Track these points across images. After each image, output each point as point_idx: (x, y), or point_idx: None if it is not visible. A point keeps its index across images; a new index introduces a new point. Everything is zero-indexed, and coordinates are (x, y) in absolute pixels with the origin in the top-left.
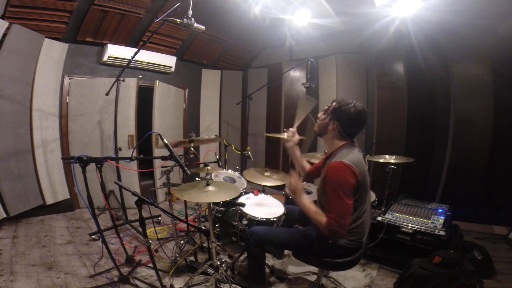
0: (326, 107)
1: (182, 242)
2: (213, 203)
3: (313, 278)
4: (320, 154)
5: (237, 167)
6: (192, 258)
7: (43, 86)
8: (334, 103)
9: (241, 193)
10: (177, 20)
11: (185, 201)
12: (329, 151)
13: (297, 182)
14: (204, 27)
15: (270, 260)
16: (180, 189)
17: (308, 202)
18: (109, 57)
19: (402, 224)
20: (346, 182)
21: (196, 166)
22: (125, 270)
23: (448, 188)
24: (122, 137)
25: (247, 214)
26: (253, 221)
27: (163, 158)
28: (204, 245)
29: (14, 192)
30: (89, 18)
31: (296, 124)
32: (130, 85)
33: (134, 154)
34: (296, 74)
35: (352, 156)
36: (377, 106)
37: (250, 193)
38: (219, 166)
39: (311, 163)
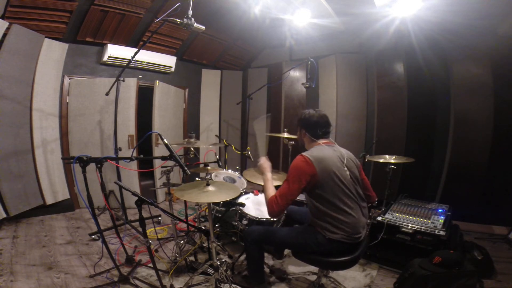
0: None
1: (182, 242)
2: (213, 203)
3: (313, 278)
4: None
5: (237, 167)
6: (192, 258)
7: (43, 86)
8: (297, 117)
9: (241, 193)
10: (177, 20)
11: (185, 201)
12: None
13: (265, 161)
14: (204, 27)
15: (270, 260)
16: (180, 189)
17: (269, 179)
18: (109, 57)
19: (402, 224)
20: (299, 169)
21: (196, 166)
22: (125, 270)
23: (448, 188)
24: (122, 137)
25: (247, 214)
26: (253, 221)
27: (163, 158)
28: (204, 245)
29: (14, 192)
30: (89, 18)
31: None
32: (130, 85)
33: (134, 154)
34: (296, 74)
35: (317, 153)
36: (377, 106)
37: (250, 193)
38: (219, 166)
39: None
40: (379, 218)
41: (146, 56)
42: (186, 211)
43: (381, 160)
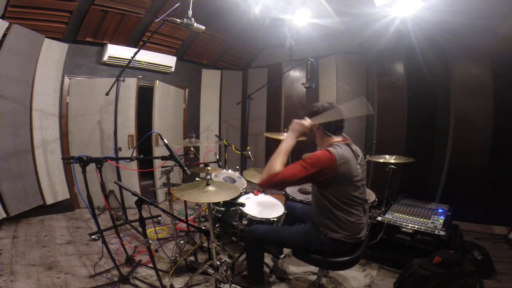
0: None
1: (182, 242)
2: (213, 203)
3: (313, 278)
4: None
5: (237, 167)
6: (192, 258)
7: (43, 86)
8: (308, 111)
9: (241, 193)
10: (177, 20)
11: (185, 201)
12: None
13: (302, 124)
14: (204, 27)
15: (270, 260)
16: (180, 189)
17: (287, 143)
18: (109, 57)
19: (402, 224)
20: (322, 161)
21: (196, 166)
22: (125, 270)
23: (448, 188)
24: (122, 137)
25: (247, 214)
26: (253, 221)
27: (163, 158)
28: (204, 245)
29: (14, 192)
30: (89, 18)
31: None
32: (130, 85)
33: (134, 154)
34: (296, 74)
35: (341, 151)
36: (377, 106)
37: (250, 193)
38: (219, 166)
39: None
40: (379, 218)
41: (146, 56)
42: (186, 211)
43: (381, 160)
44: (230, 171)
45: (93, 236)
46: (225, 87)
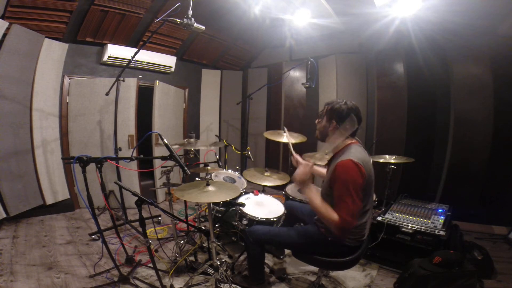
0: (320, 112)
1: (182, 242)
2: (213, 203)
3: (313, 278)
4: (320, 154)
5: (237, 167)
6: (192, 258)
7: (43, 86)
8: (326, 106)
9: (241, 193)
10: (177, 20)
11: (185, 201)
12: (333, 152)
13: (305, 173)
14: (204, 27)
15: (270, 260)
16: (180, 189)
17: (317, 196)
18: (109, 57)
19: (402, 224)
20: (357, 180)
21: (196, 166)
22: (125, 270)
23: (448, 188)
24: (122, 137)
25: (247, 214)
26: (253, 221)
27: (163, 158)
28: (204, 245)
29: (14, 192)
30: (89, 18)
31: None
32: (130, 85)
33: (134, 154)
34: (296, 74)
35: (359, 155)
36: (377, 106)
37: (250, 193)
38: (219, 166)
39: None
40: (379, 218)
41: (146, 56)
42: (186, 211)
43: (381, 160)
44: (230, 171)
45: (93, 236)
46: (225, 87)
